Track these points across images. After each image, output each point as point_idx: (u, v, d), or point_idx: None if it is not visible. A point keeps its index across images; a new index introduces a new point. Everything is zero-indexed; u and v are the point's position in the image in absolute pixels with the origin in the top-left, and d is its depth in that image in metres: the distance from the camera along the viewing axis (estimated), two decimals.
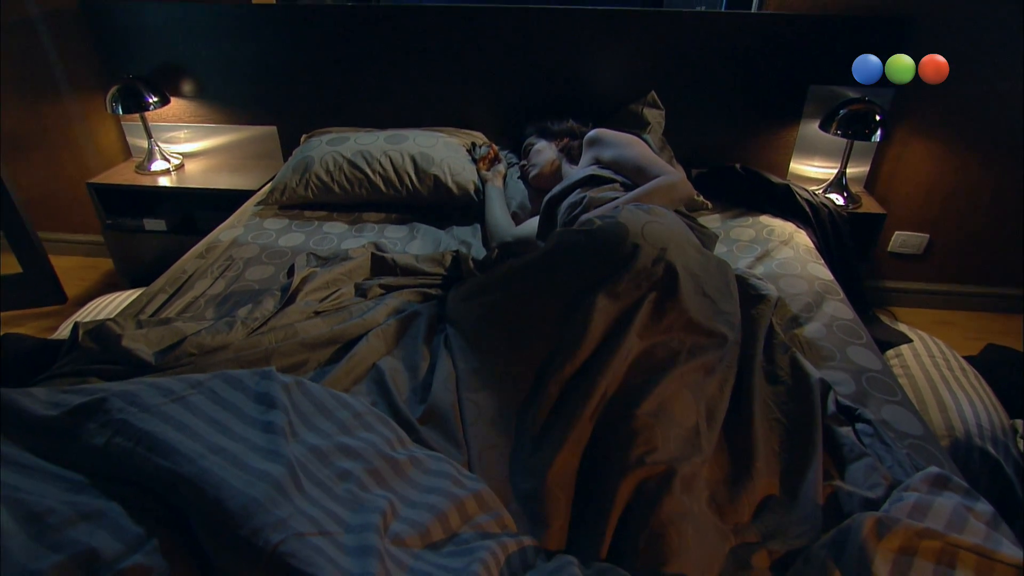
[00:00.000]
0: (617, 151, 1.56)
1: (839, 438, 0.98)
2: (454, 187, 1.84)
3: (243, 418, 0.80)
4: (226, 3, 2.13)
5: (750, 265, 1.58)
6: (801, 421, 1.01)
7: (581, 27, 2.01)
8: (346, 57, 2.13)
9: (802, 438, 0.99)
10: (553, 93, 2.13)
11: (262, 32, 2.13)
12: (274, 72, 2.20)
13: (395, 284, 1.41)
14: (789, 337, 1.26)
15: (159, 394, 0.78)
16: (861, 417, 1.02)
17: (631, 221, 1.11)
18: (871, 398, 1.11)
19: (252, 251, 1.63)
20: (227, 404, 0.81)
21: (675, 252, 1.08)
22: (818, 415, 1.01)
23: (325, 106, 2.24)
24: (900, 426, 1.04)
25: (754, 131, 2.15)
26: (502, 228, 1.68)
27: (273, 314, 1.25)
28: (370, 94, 2.20)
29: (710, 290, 1.10)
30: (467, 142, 2.08)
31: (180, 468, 0.67)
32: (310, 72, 2.18)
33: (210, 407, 0.79)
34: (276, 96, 2.24)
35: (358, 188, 1.85)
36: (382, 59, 2.12)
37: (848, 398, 1.10)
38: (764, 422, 1.02)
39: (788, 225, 1.80)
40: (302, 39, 2.12)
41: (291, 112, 2.27)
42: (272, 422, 0.79)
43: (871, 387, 1.13)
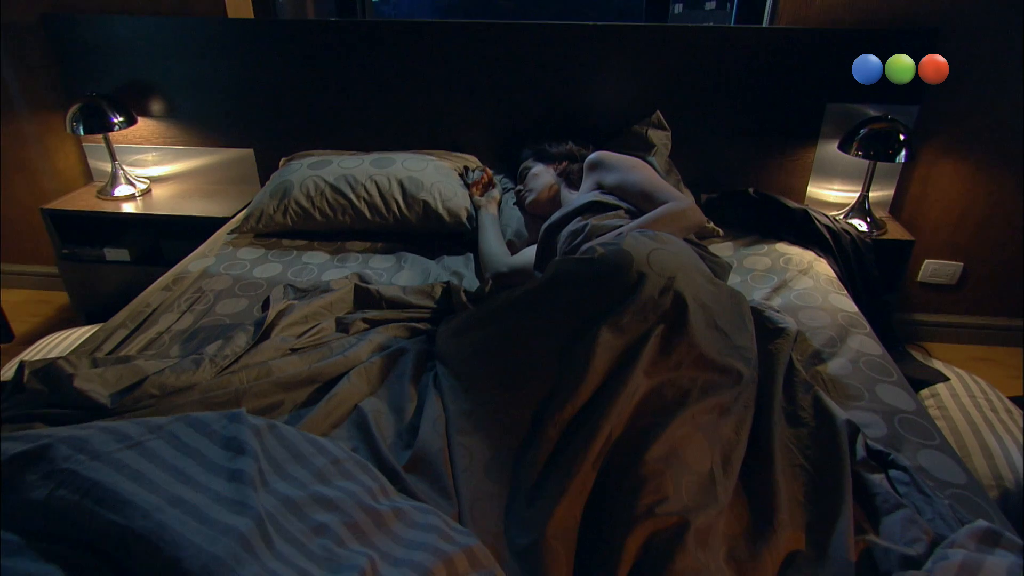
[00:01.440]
0: (620, 175, 1.58)
1: (871, 487, 0.97)
2: (445, 214, 1.86)
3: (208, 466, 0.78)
4: (200, 16, 2.18)
5: (766, 296, 1.58)
6: (827, 467, 1.00)
7: (581, 43, 2.06)
8: (329, 75, 2.18)
9: (829, 486, 0.97)
10: (551, 113, 2.17)
11: (239, 48, 2.17)
12: (251, 91, 2.23)
13: (380, 318, 1.41)
14: (811, 374, 1.26)
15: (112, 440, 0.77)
16: (895, 463, 1.01)
17: (636, 248, 1.12)
18: (905, 442, 1.10)
19: (224, 283, 1.63)
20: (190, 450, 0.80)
21: (684, 281, 1.08)
22: (846, 461, 1.00)
23: (306, 127, 2.27)
24: (940, 474, 1.03)
25: (768, 153, 2.19)
26: (497, 258, 1.68)
27: (245, 351, 1.25)
28: (355, 115, 2.24)
29: (723, 323, 1.10)
30: (459, 166, 2.11)
31: (133, 523, 0.66)
32: (290, 91, 2.22)
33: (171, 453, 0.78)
34: (253, 116, 2.28)
35: (341, 215, 1.86)
36: (368, 77, 2.17)
37: (879, 442, 1.09)
38: (786, 468, 1.01)
39: (807, 253, 1.81)
40: (282, 56, 2.17)
41: (269, 134, 2.30)
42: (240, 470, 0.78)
43: (905, 430, 1.12)
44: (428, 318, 1.43)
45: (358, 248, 1.87)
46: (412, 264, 1.76)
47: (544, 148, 1.95)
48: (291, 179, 1.91)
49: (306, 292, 1.51)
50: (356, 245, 1.89)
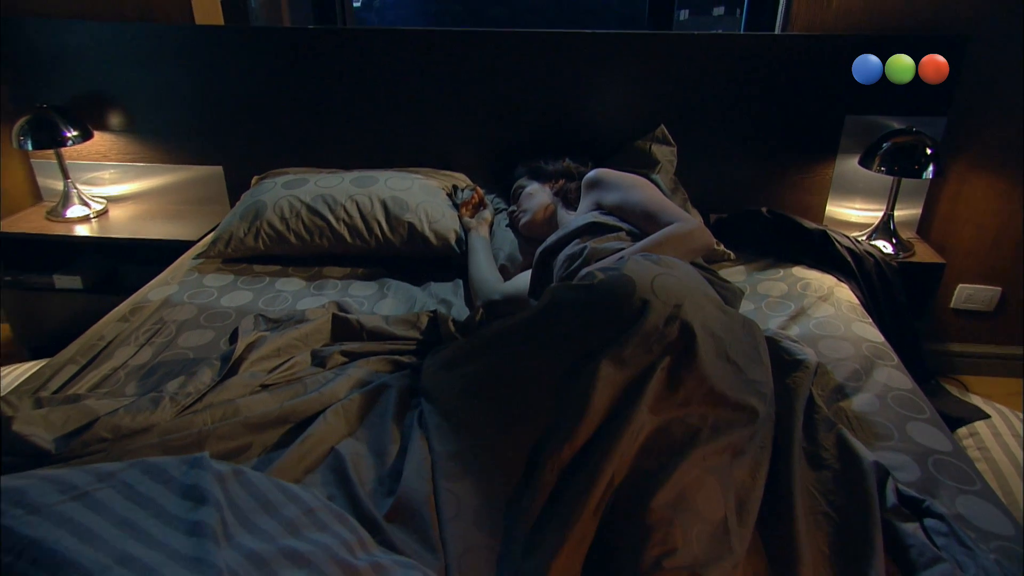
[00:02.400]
0: (621, 194, 1.59)
1: (904, 537, 0.97)
2: (432, 236, 1.86)
3: (164, 518, 0.77)
4: (164, 22, 2.20)
5: (783, 325, 1.59)
6: (854, 515, 1.00)
7: (579, 53, 2.09)
8: (306, 87, 2.20)
9: (857, 537, 0.97)
10: (547, 128, 2.19)
11: (207, 56, 2.20)
12: (221, 103, 2.26)
13: (360, 351, 1.41)
14: (834, 411, 1.26)
15: (55, 490, 0.76)
16: (930, 511, 1.01)
17: (639, 274, 1.12)
18: (942, 487, 1.09)
19: (188, 312, 1.63)
20: (144, 500, 0.79)
21: (692, 309, 1.09)
22: (875, 508, 0.99)
23: (281, 143, 2.29)
24: (982, 523, 1.02)
25: (782, 169, 2.21)
26: (488, 284, 1.69)
27: (210, 388, 1.24)
28: (334, 130, 2.26)
29: (735, 354, 1.10)
30: (447, 185, 2.12)
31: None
32: (263, 104, 2.24)
33: (122, 505, 0.77)
34: (223, 131, 2.30)
35: (318, 238, 1.87)
36: (349, 90, 2.19)
37: (912, 487, 1.08)
38: (808, 516, 1.00)
39: (827, 278, 1.82)
40: (255, 66, 2.19)
41: (240, 150, 2.32)
42: (200, 522, 0.77)
43: (941, 473, 1.12)
44: (413, 351, 1.43)
45: (337, 274, 1.87)
46: (396, 291, 1.76)
47: (539, 166, 1.97)
48: (264, 199, 1.92)
49: (279, 323, 1.51)
50: (335, 271, 1.89)
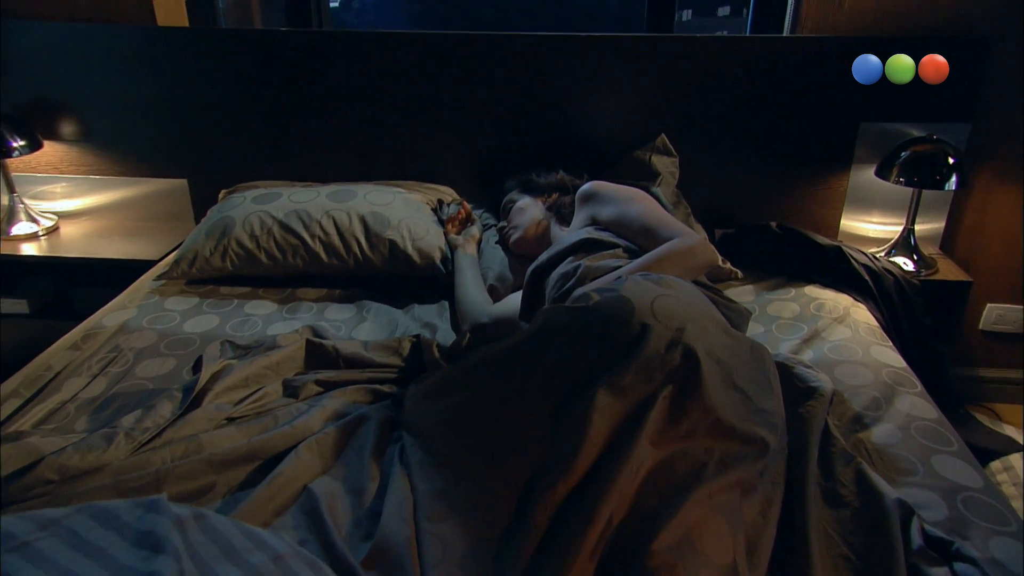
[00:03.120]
0: (618, 208, 1.60)
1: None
2: (415, 255, 1.87)
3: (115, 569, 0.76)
4: (123, 23, 2.20)
5: (795, 349, 1.59)
6: (876, 558, 0.99)
7: (574, 57, 2.11)
8: (279, 94, 2.21)
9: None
10: (539, 138, 2.21)
11: (170, 61, 2.20)
12: (185, 111, 2.26)
13: (337, 380, 1.40)
14: (852, 443, 1.25)
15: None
16: (960, 554, 1.00)
17: (637, 295, 1.12)
18: (972, 527, 1.08)
19: (147, 339, 1.62)
20: (93, 550, 0.78)
21: (695, 333, 1.09)
22: (899, 550, 0.99)
23: (251, 154, 2.29)
24: (1019, 568, 0.99)
25: (793, 181, 2.23)
26: (476, 306, 1.69)
27: (170, 422, 1.23)
28: (309, 140, 2.26)
29: (743, 382, 1.10)
30: (432, 199, 2.13)
31: None
32: (232, 112, 2.25)
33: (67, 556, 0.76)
34: (187, 141, 2.30)
35: (292, 257, 1.87)
36: (325, 96, 2.20)
37: (939, 527, 1.07)
38: (825, 559, 1.00)
39: (842, 297, 1.82)
40: (222, 71, 2.20)
41: (206, 161, 2.32)
42: (156, 572, 0.76)
43: (971, 512, 1.11)
44: (394, 379, 1.42)
45: (312, 296, 1.87)
46: (376, 315, 1.76)
47: (531, 178, 1.98)
48: (232, 215, 1.92)
49: (248, 350, 1.50)
50: (309, 293, 1.89)
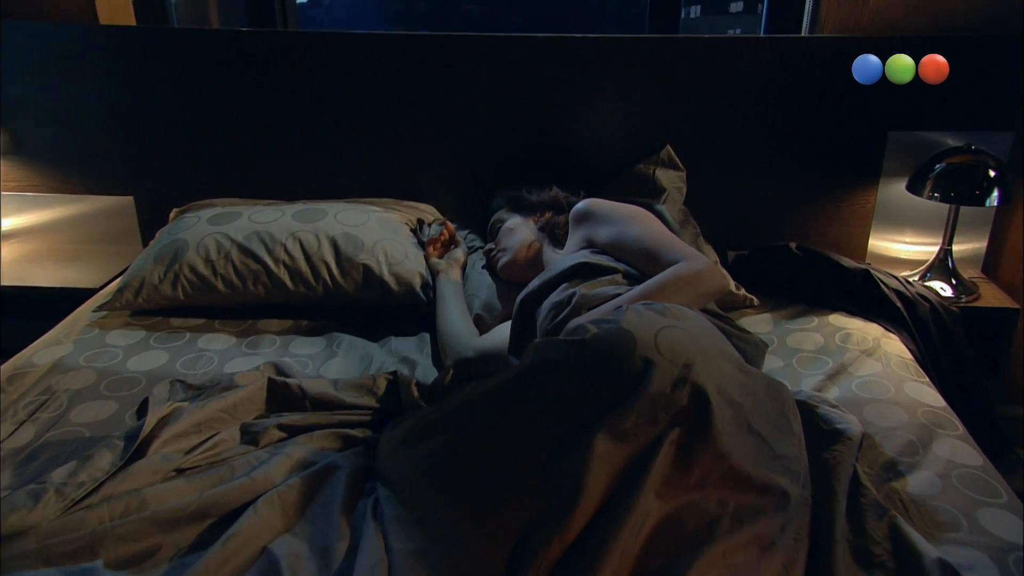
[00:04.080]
0: (617, 229, 1.60)
1: None
2: (392, 281, 1.87)
3: None
4: (59, 21, 2.19)
5: (819, 386, 1.59)
6: None
7: (570, 60, 2.13)
8: (239, 101, 2.22)
9: None
10: (531, 150, 2.22)
11: (115, 64, 2.20)
12: (132, 121, 2.26)
13: (302, 424, 1.39)
14: (885, 494, 1.24)
15: None
16: None
17: (639, 327, 1.12)
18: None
19: (84, 379, 1.61)
20: None
21: (704, 369, 1.09)
22: None
23: (207, 169, 2.29)
24: None
25: (814, 197, 2.24)
26: (460, 339, 1.69)
27: (109, 475, 1.21)
28: (273, 153, 2.27)
29: (759, 423, 1.10)
30: (412, 219, 2.13)
31: None
32: (185, 122, 2.25)
33: None
34: (134, 154, 2.29)
35: (253, 284, 1.87)
36: (291, 105, 2.21)
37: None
38: None
39: (871, 327, 1.83)
40: (175, 75, 2.20)
41: (156, 177, 2.31)
42: None
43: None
44: (368, 422, 1.41)
45: (275, 328, 1.86)
46: (348, 349, 1.76)
47: (521, 195, 1.98)
48: (185, 237, 1.92)
49: (201, 390, 1.49)
50: (272, 324, 1.88)
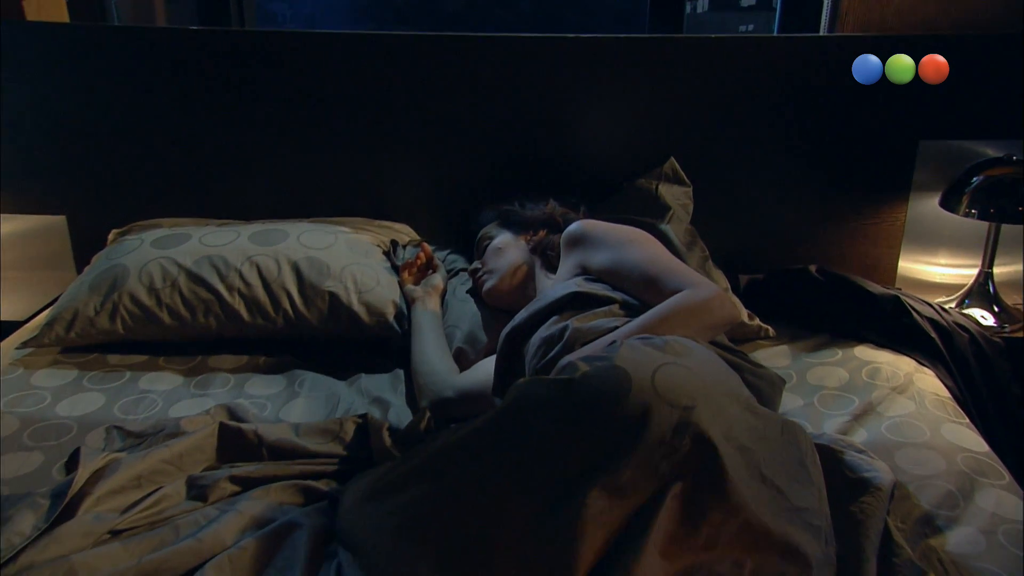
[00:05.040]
0: (613, 254, 1.60)
1: None
2: (362, 311, 1.87)
3: None
4: None
5: (843, 428, 1.58)
6: None
7: (563, 63, 2.14)
8: (189, 108, 2.21)
9: None
10: (518, 165, 2.23)
11: (45, 66, 2.19)
12: (66, 130, 2.25)
13: (258, 475, 1.38)
14: (921, 553, 1.23)
15: None
16: None
17: (636, 364, 1.10)
18: None
19: (5, 427, 1.58)
20: None
21: (709, 411, 1.07)
22: None
23: (151, 184, 2.28)
24: None
25: (837, 213, 2.25)
26: (438, 376, 1.68)
27: (32, 540, 1.19)
28: (227, 166, 2.27)
29: (773, 472, 1.08)
30: (384, 240, 2.14)
31: None
32: (127, 131, 2.24)
33: None
34: (68, 168, 2.28)
35: (203, 316, 1.86)
36: (247, 112, 2.21)
37: None
38: None
39: (903, 361, 1.83)
40: (115, 79, 2.20)
41: (93, 193, 2.30)
42: None
43: None
44: (334, 472, 1.40)
45: (228, 365, 1.86)
46: (312, 389, 1.76)
47: (513, 210, 1.98)
48: (125, 262, 1.91)
49: (142, 438, 1.48)
50: (225, 361, 1.88)
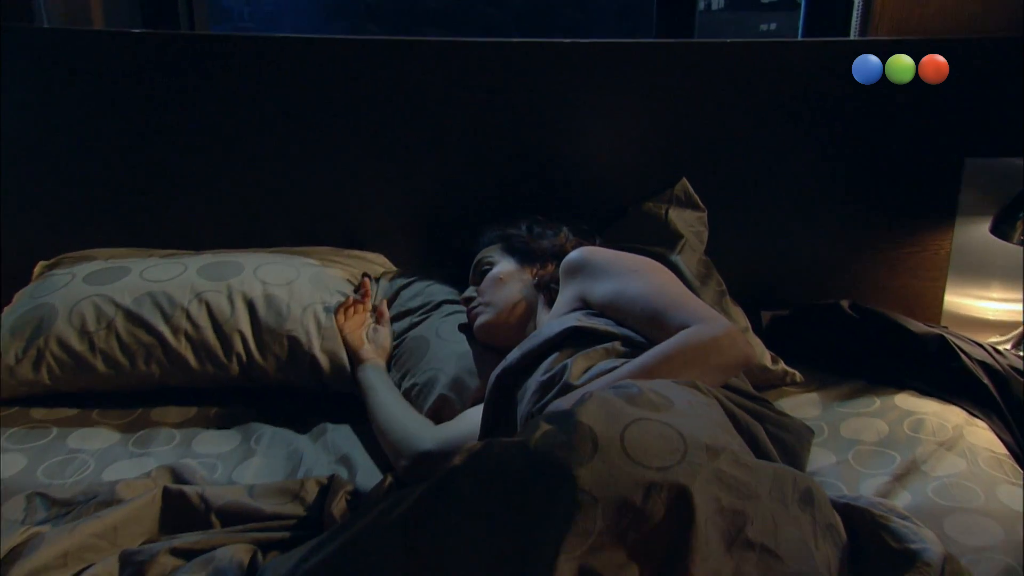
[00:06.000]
0: (615, 285, 1.61)
1: None
2: (324, 360, 1.88)
3: None
4: None
5: (884, 490, 1.57)
6: None
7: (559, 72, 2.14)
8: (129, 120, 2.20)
9: None
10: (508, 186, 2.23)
11: None
12: None
13: (204, 546, 1.37)
14: None
15: None
16: None
17: (603, 421, 1.09)
18: None
19: None
20: None
21: (688, 470, 1.05)
22: None
23: (83, 209, 2.27)
24: None
25: (871, 241, 2.26)
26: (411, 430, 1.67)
27: None
28: (173, 188, 2.26)
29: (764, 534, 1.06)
30: (355, 274, 2.14)
31: None
32: (56, 147, 2.23)
33: None
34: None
35: (144, 363, 1.86)
36: (198, 125, 2.20)
37: None
38: None
39: (951, 411, 1.81)
40: (40, 87, 2.19)
41: (14, 220, 2.28)
42: None
43: None
44: (291, 539, 1.40)
45: (173, 419, 1.86)
46: (270, 445, 1.77)
47: (519, 235, 1.96)
48: (52, 301, 1.90)
49: (70, 507, 1.47)
50: (170, 414, 1.88)
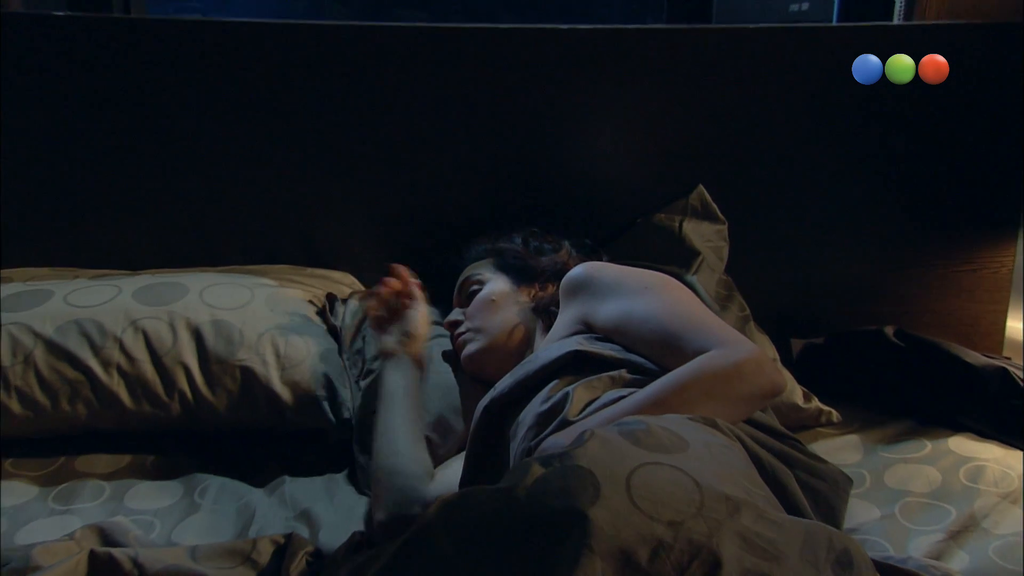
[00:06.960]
0: (622, 305, 1.63)
1: None
2: (285, 393, 1.87)
3: None
4: None
5: (936, 550, 1.58)
6: None
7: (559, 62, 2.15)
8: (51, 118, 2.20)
9: None
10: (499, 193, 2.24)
11: None
12: None
13: None
14: None
15: None
16: None
17: (605, 464, 1.09)
18: None
19: None
20: None
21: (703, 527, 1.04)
22: None
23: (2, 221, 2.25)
24: None
25: (920, 258, 2.26)
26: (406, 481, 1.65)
27: None
28: (105, 196, 2.25)
29: None
30: (318, 295, 2.13)
31: None
32: None
33: None
34: None
35: (68, 402, 1.85)
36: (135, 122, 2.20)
37: None
38: None
39: (1015, 457, 1.82)
40: None
41: None
42: None
43: None
44: None
45: (102, 469, 1.87)
46: (218, 499, 1.78)
47: (514, 250, 1.96)
48: None
49: None
50: (99, 463, 1.89)
